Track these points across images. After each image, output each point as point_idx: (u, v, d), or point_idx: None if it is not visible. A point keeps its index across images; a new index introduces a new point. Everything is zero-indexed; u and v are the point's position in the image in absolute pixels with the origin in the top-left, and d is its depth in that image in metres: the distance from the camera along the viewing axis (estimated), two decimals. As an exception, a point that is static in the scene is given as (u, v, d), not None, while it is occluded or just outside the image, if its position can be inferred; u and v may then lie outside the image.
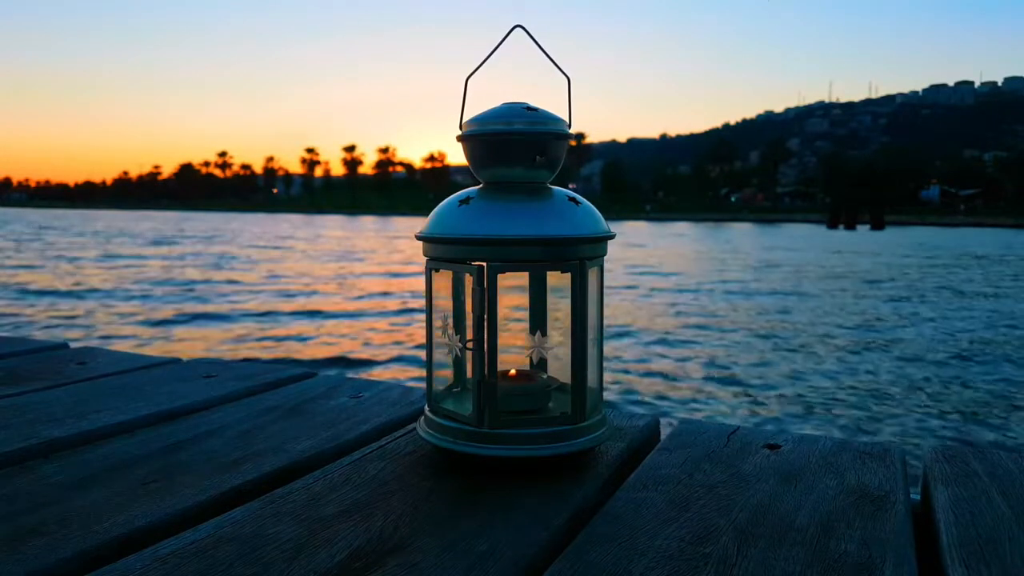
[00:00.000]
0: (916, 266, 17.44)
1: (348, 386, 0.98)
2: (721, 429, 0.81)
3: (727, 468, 0.70)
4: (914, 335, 7.92)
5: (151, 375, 1.03)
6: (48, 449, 0.74)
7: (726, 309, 9.64)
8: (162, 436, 0.78)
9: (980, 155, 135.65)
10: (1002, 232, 45.32)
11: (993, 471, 0.69)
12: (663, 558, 0.52)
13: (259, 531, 0.56)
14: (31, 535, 0.55)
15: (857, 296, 11.26)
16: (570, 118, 0.72)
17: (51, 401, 0.89)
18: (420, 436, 0.71)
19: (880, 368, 6.25)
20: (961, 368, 6.30)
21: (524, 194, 0.70)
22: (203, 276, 13.15)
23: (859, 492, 0.64)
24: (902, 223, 57.94)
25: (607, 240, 0.70)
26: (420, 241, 0.71)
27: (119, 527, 0.56)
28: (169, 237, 27.09)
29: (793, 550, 0.54)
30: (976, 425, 4.67)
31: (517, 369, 0.76)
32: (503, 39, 0.69)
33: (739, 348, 7.03)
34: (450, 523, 0.57)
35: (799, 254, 20.97)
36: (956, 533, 0.56)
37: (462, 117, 0.71)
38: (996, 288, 12.57)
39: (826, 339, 7.54)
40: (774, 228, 48.43)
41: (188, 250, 20.30)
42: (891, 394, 5.38)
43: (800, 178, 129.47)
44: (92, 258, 16.98)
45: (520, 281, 0.77)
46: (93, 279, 12.37)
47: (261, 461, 0.71)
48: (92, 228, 34.46)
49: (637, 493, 0.64)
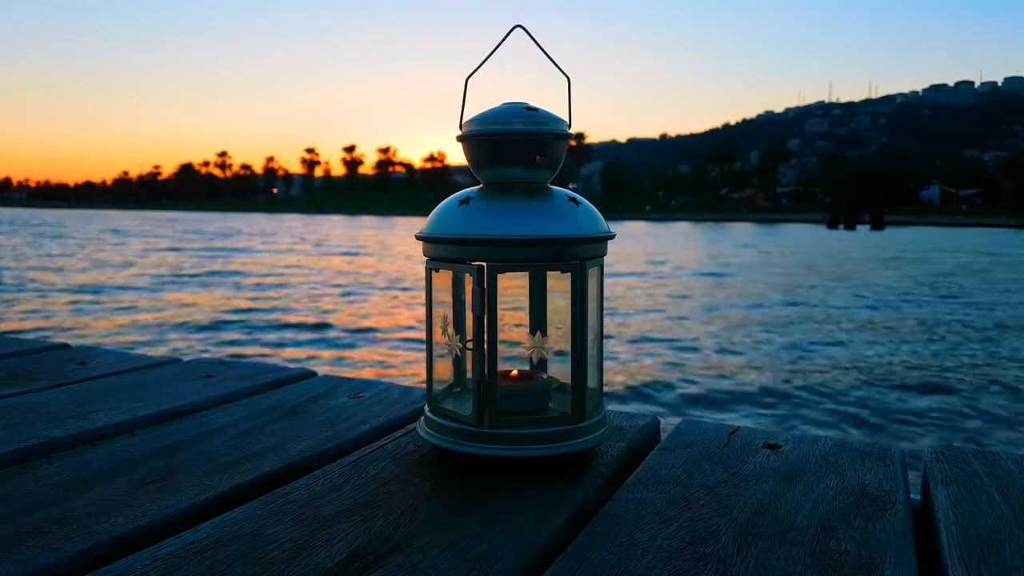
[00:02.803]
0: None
1: (348, 386, 0.98)
2: (721, 429, 0.81)
3: (727, 468, 0.70)
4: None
5: (151, 375, 1.03)
6: (48, 449, 0.74)
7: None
8: (162, 436, 0.78)
9: (980, 155, 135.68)
10: (999, 232, 45.36)
11: (993, 471, 0.69)
12: (663, 558, 0.52)
13: (259, 531, 0.56)
14: (31, 535, 0.55)
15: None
16: (570, 118, 0.72)
17: (51, 401, 0.89)
18: (420, 436, 0.71)
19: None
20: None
21: (524, 194, 0.70)
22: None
23: (859, 492, 0.64)
24: (902, 223, 57.98)
25: (607, 240, 0.70)
26: (420, 241, 0.71)
27: (119, 527, 0.56)
28: (270, 240, 25.61)
29: (793, 550, 0.54)
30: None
31: (517, 369, 0.76)
32: (503, 39, 0.70)
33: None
34: (450, 523, 0.57)
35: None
36: (956, 533, 0.56)
37: (462, 117, 0.71)
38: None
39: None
40: (773, 228, 48.46)
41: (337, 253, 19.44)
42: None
43: (800, 178, 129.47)
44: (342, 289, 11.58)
45: (520, 281, 0.77)
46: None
47: (261, 461, 0.71)
48: (166, 231, 31.86)
49: (637, 493, 0.64)
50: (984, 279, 14.15)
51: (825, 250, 23.17)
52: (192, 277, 12.63)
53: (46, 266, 14.23)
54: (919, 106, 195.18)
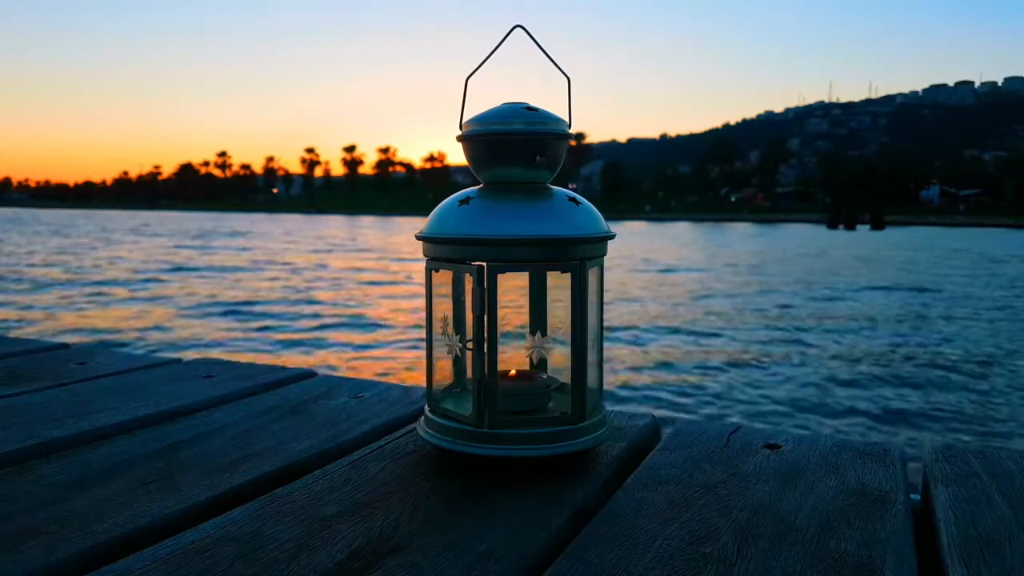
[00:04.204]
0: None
1: (348, 386, 0.98)
2: (721, 429, 0.81)
3: (727, 468, 0.70)
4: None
5: (151, 375, 1.03)
6: (48, 449, 0.74)
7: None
8: (162, 436, 0.78)
9: (980, 155, 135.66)
10: (997, 232, 45.31)
11: (993, 471, 0.69)
12: (663, 558, 0.52)
13: (259, 531, 0.56)
14: (31, 535, 0.55)
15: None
16: (570, 118, 0.72)
17: (51, 401, 0.89)
18: (420, 436, 0.71)
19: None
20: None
21: (524, 194, 0.70)
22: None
23: (859, 492, 0.64)
24: (902, 223, 57.98)
25: (607, 240, 0.70)
26: (420, 241, 0.71)
27: (119, 527, 0.56)
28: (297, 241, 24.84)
29: (793, 550, 0.54)
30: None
31: (517, 369, 0.76)
32: (503, 39, 0.70)
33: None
34: (450, 523, 0.57)
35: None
36: (956, 533, 0.56)
37: (462, 117, 0.71)
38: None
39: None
40: (773, 228, 48.43)
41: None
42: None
43: (800, 178, 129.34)
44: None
45: (520, 281, 0.77)
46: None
47: (261, 461, 0.71)
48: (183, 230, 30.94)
49: (637, 493, 0.64)
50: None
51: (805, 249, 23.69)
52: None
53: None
54: (919, 106, 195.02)
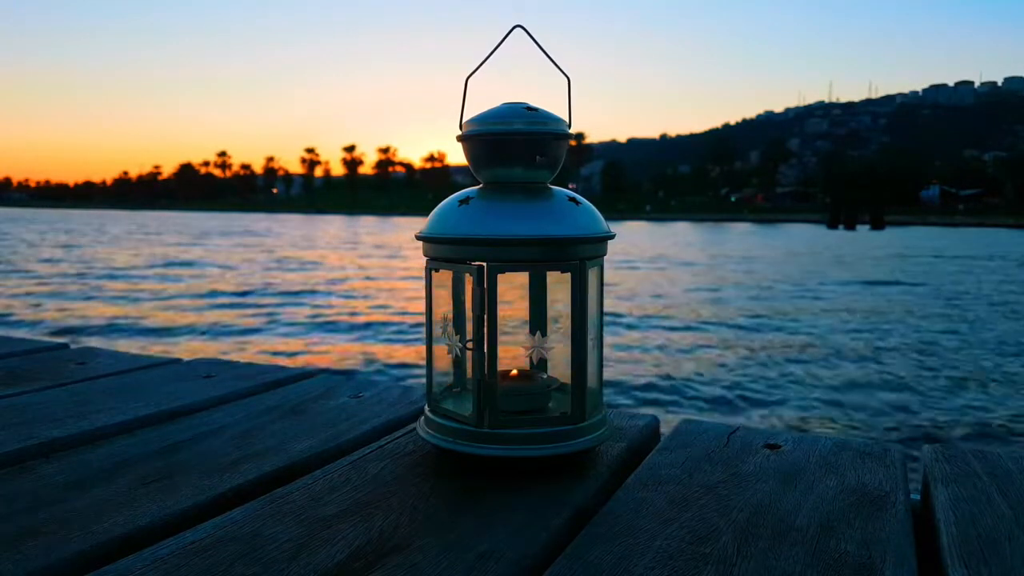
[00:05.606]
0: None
1: (348, 386, 0.98)
2: (721, 429, 0.81)
3: (727, 468, 0.70)
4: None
5: (151, 375, 1.03)
6: (48, 449, 0.74)
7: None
8: (162, 436, 0.78)
9: (980, 155, 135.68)
10: (996, 232, 45.28)
11: (993, 471, 0.69)
12: (663, 558, 0.52)
13: (259, 531, 0.56)
14: (31, 535, 0.55)
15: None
16: (570, 118, 0.72)
17: (51, 401, 0.89)
18: (420, 436, 0.71)
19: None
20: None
21: (524, 194, 0.70)
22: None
23: (859, 492, 0.64)
24: (902, 223, 57.98)
25: (607, 240, 0.70)
26: (420, 241, 0.71)
27: (119, 527, 0.56)
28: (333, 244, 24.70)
29: (793, 550, 0.54)
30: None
31: (517, 369, 0.76)
32: (503, 39, 0.69)
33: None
34: (450, 523, 0.57)
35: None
36: (956, 533, 0.56)
37: (462, 117, 0.71)
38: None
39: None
40: (773, 228, 48.43)
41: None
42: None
43: (800, 178, 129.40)
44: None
45: (520, 281, 0.77)
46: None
47: (261, 461, 0.71)
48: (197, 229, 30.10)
49: (637, 493, 0.64)
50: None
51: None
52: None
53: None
54: (919, 106, 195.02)
